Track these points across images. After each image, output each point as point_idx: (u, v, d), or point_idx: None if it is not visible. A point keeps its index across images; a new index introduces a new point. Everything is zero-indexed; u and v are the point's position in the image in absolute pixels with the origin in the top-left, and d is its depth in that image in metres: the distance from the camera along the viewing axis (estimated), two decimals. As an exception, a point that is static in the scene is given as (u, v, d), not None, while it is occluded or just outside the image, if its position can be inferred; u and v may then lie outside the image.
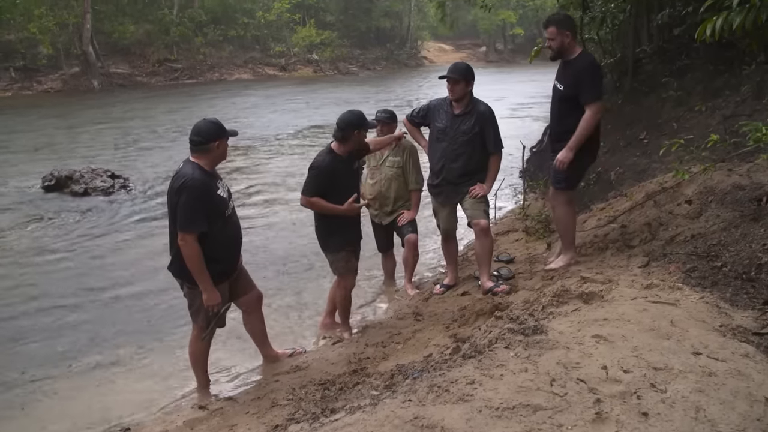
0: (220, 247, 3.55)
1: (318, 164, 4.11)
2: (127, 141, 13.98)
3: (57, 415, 3.77)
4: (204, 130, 3.49)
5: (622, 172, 6.70)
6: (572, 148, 4.17)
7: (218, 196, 3.52)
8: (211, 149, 3.48)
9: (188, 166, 3.48)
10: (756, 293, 3.02)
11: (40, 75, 26.67)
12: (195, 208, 3.37)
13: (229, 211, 3.62)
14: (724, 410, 1.96)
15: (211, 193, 3.47)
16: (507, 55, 52.07)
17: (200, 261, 3.41)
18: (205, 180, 3.45)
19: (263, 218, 8.05)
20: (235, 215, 3.76)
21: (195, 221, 3.38)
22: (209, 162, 3.52)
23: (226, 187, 3.69)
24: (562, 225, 4.47)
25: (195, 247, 3.38)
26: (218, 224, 3.50)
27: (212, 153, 3.51)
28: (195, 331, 3.78)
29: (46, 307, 5.35)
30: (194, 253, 3.39)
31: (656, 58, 8.13)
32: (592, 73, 4.18)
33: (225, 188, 3.65)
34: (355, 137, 4.10)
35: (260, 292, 4.06)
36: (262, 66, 35.21)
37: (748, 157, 4.81)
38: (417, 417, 1.97)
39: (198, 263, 3.41)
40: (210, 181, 3.49)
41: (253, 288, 3.98)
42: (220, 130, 3.51)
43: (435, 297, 4.89)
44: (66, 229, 7.56)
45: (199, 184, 3.39)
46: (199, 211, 3.38)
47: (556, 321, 2.80)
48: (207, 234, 3.43)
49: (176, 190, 3.40)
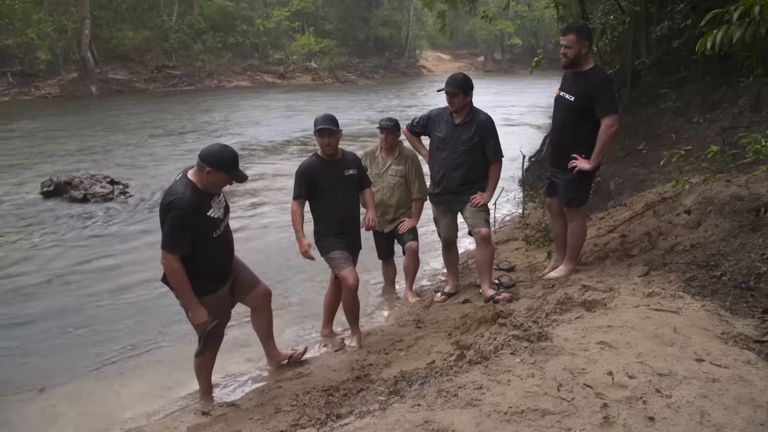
0: (208, 263, 3.47)
1: (299, 166, 4.23)
2: (126, 147, 13.98)
3: (58, 421, 3.76)
4: (210, 151, 3.34)
5: (621, 182, 6.77)
6: (598, 160, 4.16)
7: (207, 217, 3.37)
8: (202, 170, 3.30)
9: (181, 183, 3.34)
10: (755, 302, 3.07)
11: (37, 80, 26.66)
12: (177, 231, 3.26)
13: (219, 232, 3.47)
14: (729, 415, 2.00)
15: (199, 216, 3.32)
16: (505, 65, 52.46)
17: (182, 280, 3.32)
18: (196, 201, 3.30)
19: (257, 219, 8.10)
20: (227, 232, 3.63)
21: (176, 243, 3.28)
22: (201, 183, 3.34)
23: (222, 204, 3.53)
24: (574, 238, 4.44)
25: (176, 266, 3.28)
26: (206, 243, 3.40)
27: (203, 175, 3.32)
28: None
29: (46, 313, 5.33)
30: (175, 271, 3.29)
31: (655, 70, 8.22)
32: (609, 87, 4.20)
33: (220, 206, 3.50)
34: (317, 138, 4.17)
35: (267, 287, 3.95)
36: (260, 73, 35.32)
37: (747, 169, 4.88)
38: (427, 421, 2.00)
39: (179, 282, 3.33)
40: (201, 202, 3.34)
41: (258, 284, 3.88)
42: (220, 164, 3.30)
43: (436, 305, 4.91)
44: (65, 235, 7.55)
45: (187, 206, 3.25)
46: (182, 234, 3.27)
47: (560, 328, 2.84)
48: (192, 253, 3.33)
49: (164, 207, 3.31)
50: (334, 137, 4.14)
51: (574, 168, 4.19)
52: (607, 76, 4.32)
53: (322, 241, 4.29)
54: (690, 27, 7.01)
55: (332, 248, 4.24)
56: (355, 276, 4.23)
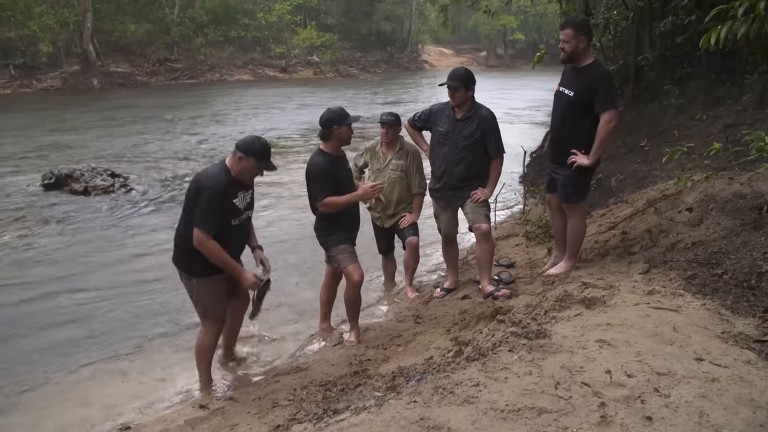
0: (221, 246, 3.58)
1: (315, 167, 4.15)
2: (128, 140, 13.97)
3: (57, 413, 3.75)
4: (243, 139, 3.63)
5: (622, 179, 6.74)
6: (597, 155, 4.15)
7: (231, 203, 3.58)
8: (234, 156, 3.56)
9: (216, 167, 3.62)
10: (756, 301, 3.04)
11: (39, 73, 26.64)
12: (210, 209, 3.48)
13: (237, 221, 3.65)
14: (728, 416, 1.98)
15: (225, 198, 3.54)
16: (507, 60, 52.31)
17: (219, 253, 3.52)
18: (227, 185, 3.54)
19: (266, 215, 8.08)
20: (245, 226, 3.80)
21: (210, 221, 3.48)
22: (234, 169, 3.58)
23: (248, 200, 3.74)
24: (573, 235, 4.43)
25: (211, 243, 3.49)
26: (224, 228, 3.56)
27: (235, 161, 3.57)
28: (203, 328, 3.80)
29: (44, 305, 5.34)
30: (211, 248, 3.50)
31: (658, 66, 8.17)
32: (608, 82, 4.16)
33: (245, 199, 3.70)
34: (335, 133, 4.12)
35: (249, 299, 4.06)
36: (262, 67, 35.27)
37: (750, 166, 4.84)
38: (423, 418, 1.98)
39: (217, 256, 3.53)
40: (230, 188, 3.56)
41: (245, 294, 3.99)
42: (250, 149, 3.55)
43: (435, 300, 4.90)
44: (65, 228, 7.55)
45: (219, 186, 3.50)
46: (215, 212, 3.49)
47: (559, 325, 2.82)
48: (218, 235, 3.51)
49: (197, 188, 3.53)
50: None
51: (573, 164, 4.17)
52: (606, 71, 4.28)
53: (331, 236, 4.26)
54: (694, 23, 6.96)
55: (341, 242, 4.24)
56: (361, 272, 4.26)
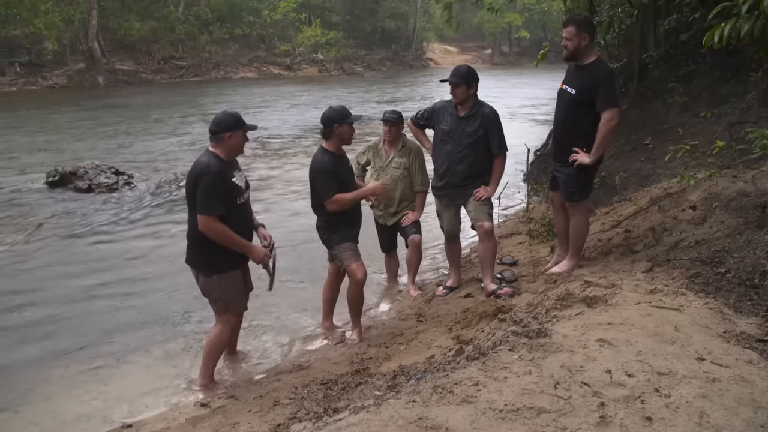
0: (238, 229, 3.67)
1: (320, 167, 4.14)
2: (132, 137, 14.01)
3: (58, 412, 3.76)
4: (219, 120, 3.66)
5: (626, 177, 6.71)
6: (598, 154, 4.13)
7: (232, 182, 3.65)
8: (223, 140, 3.62)
9: (205, 155, 3.65)
10: (760, 300, 3.02)
11: (45, 70, 26.76)
12: (211, 194, 3.52)
13: (242, 200, 3.74)
14: (728, 416, 1.96)
15: (225, 180, 3.61)
16: (512, 58, 52.19)
17: (227, 234, 3.57)
18: (221, 167, 3.59)
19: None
20: (248, 205, 3.89)
21: (212, 204, 3.53)
22: (224, 152, 3.65)
23: (244, 178, 3.82)
24: (576, 233, 4.42)
25: (217, 226, 3.54)
26: (233, 208, 3.64)
27: (225, 143, 3.63)
28: (221, 323, 3.83)
29: (46, 304, 5.34)
30: (218, 230, 3.55)
31: (662, 64, 8.12)
32: (610, 80, 4.14)
33: (242, 178, 3.79)
34: (336, 131, 4.13)
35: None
36: (267, 65, 35.32)
37: (754, 164, 4.82)
38: (421, 417, 1.98)
39: (225, 237, 3.58)
40: (226, 170, 3.63)
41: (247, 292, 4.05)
42: (235, 123, 3.66)
43: (438, 298, 4.89)
44: (69, 226, 7.57)
45: (215, 170, 3.55)
46: (216, 195, 3.53)
47: (560, 324, 2.80)
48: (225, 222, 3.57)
49: (194, 178, 3.57)
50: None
51: (574, 162, 4.16)
52: (608, 69, 4.25)
53: (334, 234, 4.26)
54: (698, 20, 6.91)
55: (344, 240, 4.25)
56: (364, 271, 4.26)
